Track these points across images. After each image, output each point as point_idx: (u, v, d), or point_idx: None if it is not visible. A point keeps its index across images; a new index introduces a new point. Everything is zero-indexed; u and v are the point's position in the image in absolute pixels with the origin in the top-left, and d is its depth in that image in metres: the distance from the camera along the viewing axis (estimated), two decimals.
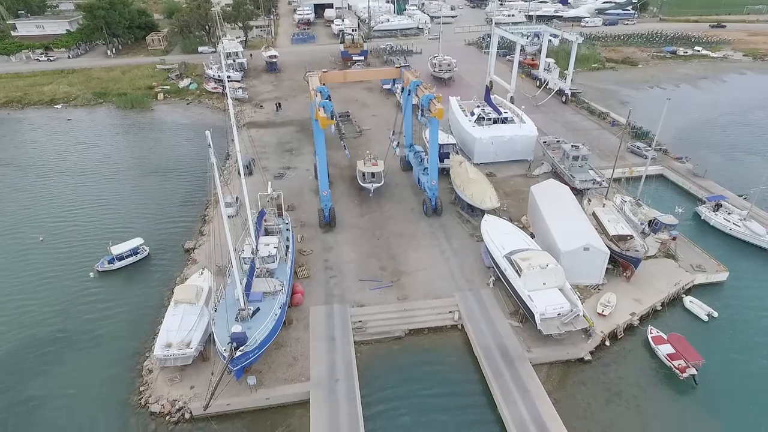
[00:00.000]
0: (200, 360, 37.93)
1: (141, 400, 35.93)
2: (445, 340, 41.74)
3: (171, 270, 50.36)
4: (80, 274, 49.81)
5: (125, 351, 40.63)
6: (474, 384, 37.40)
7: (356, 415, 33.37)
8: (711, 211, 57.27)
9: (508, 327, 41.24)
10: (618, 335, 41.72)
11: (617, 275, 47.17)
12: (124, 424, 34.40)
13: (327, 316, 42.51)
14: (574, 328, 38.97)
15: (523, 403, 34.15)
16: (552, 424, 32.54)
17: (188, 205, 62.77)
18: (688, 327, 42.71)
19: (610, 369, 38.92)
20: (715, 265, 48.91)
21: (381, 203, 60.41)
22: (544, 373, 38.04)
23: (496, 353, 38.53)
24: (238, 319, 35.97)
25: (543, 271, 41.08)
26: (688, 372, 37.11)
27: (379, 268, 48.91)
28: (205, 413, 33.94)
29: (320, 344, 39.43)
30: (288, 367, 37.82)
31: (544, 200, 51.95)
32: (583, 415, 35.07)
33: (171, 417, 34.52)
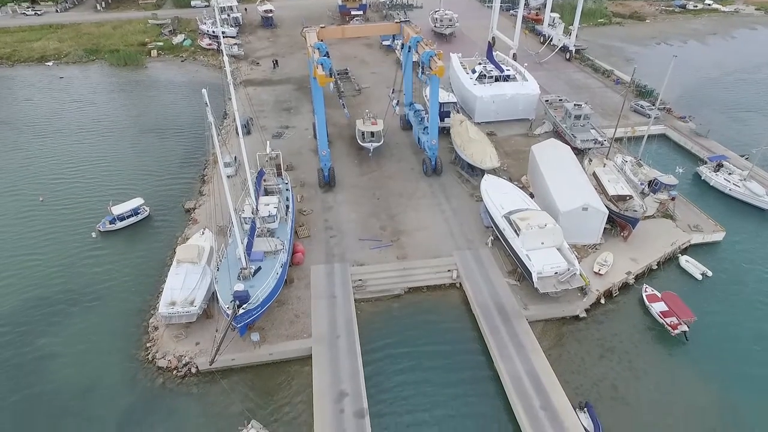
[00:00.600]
0: (204, 317, 38.82)
1: (148, 355, 37.02)
2: (444, 298, 42.60)
3: (172, 230, 50.67)
4: (82, 234, 50.15)
5: (130, 309, 41.49)
6: (471, 340, 38.47)
7: (357, 369, 34.48)
8: (711, 172, 57.12)
9: (505, 285, 41.99)
10: (613, 293, 42.56)
11: (615, 235, 47.59)
12: (132, 378, 35.59)
13: (327, 274, 43.18)
14: (570, 286, 39.70)
15: (518, 358, 35.25)
16: (546, 378, 33.72)
17: (187, 164, 62.41)
18: (683, 286, 43.51)
19: (603, 326, 39.94)
20: (713, 225, 49.27)
21: (381, 163, 60.09)
22: (540, 330, 39.07)
23: (493, 311, 39.43)
24: (240, 278, 36.56)
25: (541, 231, 41.42)
26: (680, 329, 38.11)
27: (379, 227, 49.25)
28: (210, 368, 35.08)
29: (321, 302, 40.26)
30: (290, 324, 38.77)
31: (544, 160, 51.68)
32: (576, 369, 36.26)
33: (178, 371, 35.67)
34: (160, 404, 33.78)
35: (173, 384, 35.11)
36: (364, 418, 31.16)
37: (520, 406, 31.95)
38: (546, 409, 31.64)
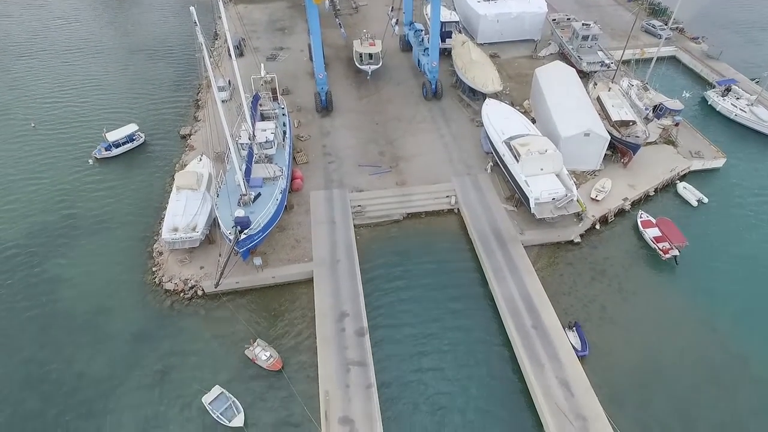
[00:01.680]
0: (207, 242, 39.64)
1: (155, 279, 38.25)
2: (442, 223, 43.30)
3: (169, 157, 50.28)
4: (78, 161, 49.80)
5: (134, 235, 42.23)
6: (468, 263, 39.63)
7: (357, 291, 35.84)
8: (719, 96, 55.70)
9: (503, 211, 42.51)
10: (609, 219, 43.22)
11: (615, 161, 47.40)
12: (141, 300, 37.05)
13: (327, 200, 43.52)
14: (567, 212, 40.21)
15: (512, 280, 36.55)
16: (538, 299, 35.19)
17: (179, 88, 60.57)
18: (678, 212, 44.10)
19: (597, 251, 40.99)
20: (714, 151, 48.93)
21: (379, 86, 58.33)
22: (535, 254, 40.14)
23: (490, 235, 40.24)
24: (241, 204, 36.87)
25: (541, 157, 41.19)
26: (671, 253, 39.15)
27: (378, 153, 48.86)
28: (216, 291, 36.44)
29: (321, 227, 40.95)
30: (291, 249, 39.71)
31: (548, 83, 50.15)
32: (568, 291, 37.73)
33: (185, 294, 37.06)
34: (170, 324, 35.46)
35: (181, 306, 36.62)
36: (365, 336, 32.88)
37: (512, 325, 33.63)
38: (537, 328, 33.34)
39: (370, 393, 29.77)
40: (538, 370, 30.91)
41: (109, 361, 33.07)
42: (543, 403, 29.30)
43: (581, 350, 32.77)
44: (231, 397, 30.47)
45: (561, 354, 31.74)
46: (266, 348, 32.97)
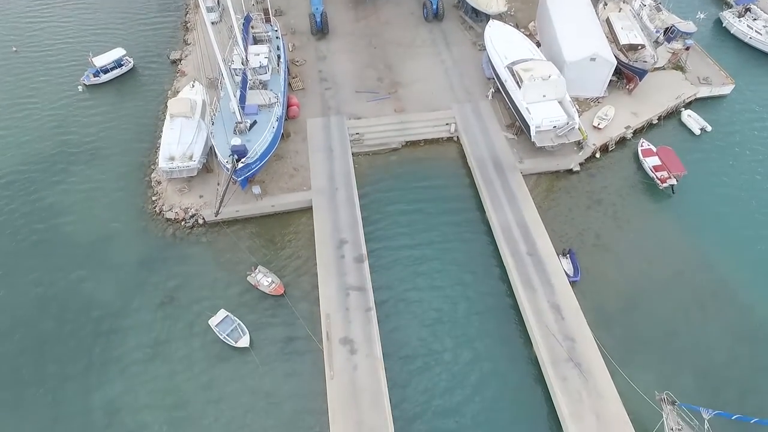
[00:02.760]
0: (205, 171, 39.46)
1: (155, 208, 38.49)
2: (441, 151, 42.92)
3: (160, 83, 48.70)
4: (67, 87, 48.27)
5: (131, 164, 41.91)
6: (466, 192, 39.80)
7: (356, 219, 36.27)
8: (735, 17, 53.01)
9: (503, 139, 41.99)
10: (609, 148, 42.81)
11: (620, 87, 46.10)
12: (143, 229, 37.53)
13: (324, 128, 42.78)
14: (567, 140, 39.72)
15: (509, 208, 36.90)
16: (534, 227, 35.73)
17: (166, 8, 57.36)
18: (680, 140, 43.59)
19: (595, 179, 41.01)
20: (723, 77, 47.45)
21: (377, 6, 55.28)
22: (533, 183, 40.19)
23: (489, 164, 40.04)
24: (237, 132, 36.25)
25: (544, 83, 39.97)
26: (668, 182, 39.21)
27: (376, 78, 47.34)
28: (216, 219, 36.83)
29: (319, 155, 40.60)
30: (290, 178, 39.63)
31: (555, 4, 47.49)
32: (564, 220, 38.23)
33: (186, 223, 37.49)
34: (174, 252, 36.19)
35: (183, 234, 37.18)
36: (364, 262, 33.74)
37: (507, 251, 34.43)
38: (531, 255, 34.17)
39: (369, 316, 31.09)
40: (531, 295, 32.08)
41: (116, 286, 34.15)
42: (534, 324, 30.71)
43: (573, 276, 33.81)
44: (236, 320, 31.82)
45: (554, 279, 32.79)
46: (267, 274, 33.95)
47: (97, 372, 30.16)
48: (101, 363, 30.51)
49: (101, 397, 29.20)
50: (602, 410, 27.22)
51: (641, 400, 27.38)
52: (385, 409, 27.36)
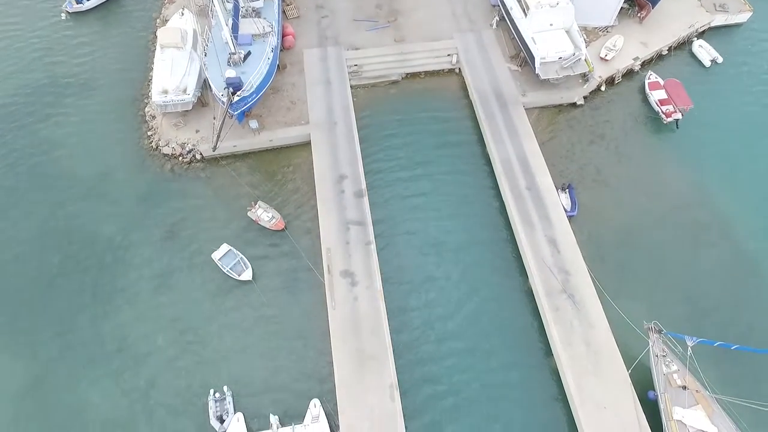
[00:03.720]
0: (200, 105, 38.52)
1: (151, 143, 37.99)
2: (442, 83, 41.70)
3: (148, 10, 46.35)
4: (50, 15, 45.97)
5: (123, 98, 40.81)
6: (467, 125, 39.13)
7: (355, 153, 35.93)
8: None
9: (506, 71, 40.65)
10: (616, 80, 41.54)
11: (631, 15, 43.96)
12: (141, 164, 37.26)
13: (321, 59, 41.27)
14: (573, 72, 38.48)
15: (510, 143, 36.48)
16: (534, 161, 35.51)
17: None
18: (689, 73, 42.22)
19: (599, 113, 40.17)
20: (741, 4, 45.07)
21: None
22: (535, 117, 39.41)
23: (491, 96, 39.06)
24: (231, 64, 35.01)
25: (551, 11, 38.06)
26: (674, 117, 38.44)
27: (375, 6, 45.01)
28: (214, 154, 36.47)
29: (317, 88, 39.48)
30: (287, 111, 38.79)
31: None
32: (565, 154, 37.89)
33: (183, 158, 37.14)
34: (173, 187, 36.16)
35: (181, 170, 36.96)
36: (363, 197, 33.86)
37: (506, 186, 34.45)
38: (530, 189, 34.23)
39: (369, 250, 31.68)
40: (529, 229, 32.50)
41: (117, 220, 34.47)
42: (530, 258, 31.37)
43: (570, 211, 34.07)
44: (239, 254, 32.43)
45: (552, 214, 33.07)
46: (268, 209, 34.16)
47: (105, 302, 31.21)
48: (108, 293, 31.49)
49: (110, 325, 30.41)
50: (592, 338, 28.48)
51: (630, 330, 28.56)
52: (385, 337, 28.61)
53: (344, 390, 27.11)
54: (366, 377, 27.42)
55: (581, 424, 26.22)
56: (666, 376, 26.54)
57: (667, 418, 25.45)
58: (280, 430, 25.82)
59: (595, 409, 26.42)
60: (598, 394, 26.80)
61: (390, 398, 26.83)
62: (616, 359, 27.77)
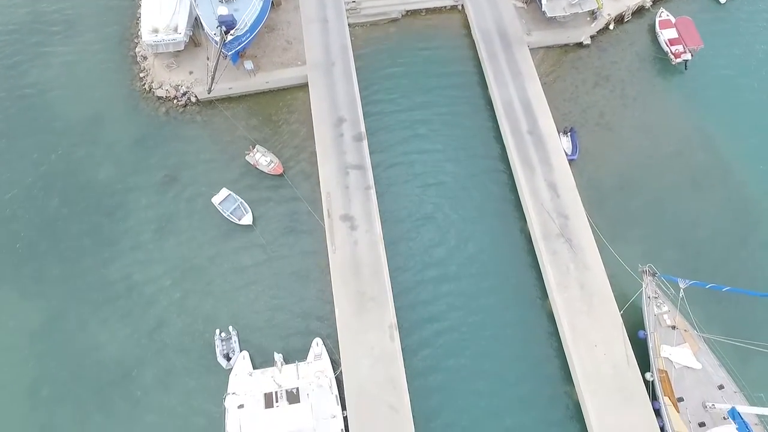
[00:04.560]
0: (192, 45, 37.16)
1: (144, 85, 36.95)
2: (444, 22, 39.99)
3: None
4: None
5: (112, 37, 39.26)
6: (469, 66, 37.93)
7: (354, 95, 35.07)
8: None
9: (511, 9, 38.87)
10: (625, 18, 39.84)
11: None
12: (135, 107, 36.43)
13: None
14: (581, 10, 36.86)
15: (513, 85, 35.53)
16: (537, 104, 34.75)
17: None
18: (702, 10, 40.39)
19: (606, 54, 38.83)
20: None
21: None
22: (540, 57, 38.14)
23: (494, 36, 37.60)
24: (223, 1, 33.39)
25: None
26: (683, 57, 37.16)
27: None
28: (209, 97, 35.57)
29: (313, 27, 37.91)
30: (283, 51, 37.47)
31: None
32: (568, 97, 37.02)
33: (178, 101, 36.27)
34: (169, 131, 35.58)
35: (176, 113, 36.20)
36: (363, 141, 33.42)
37: (508, 129, 33.94)
38: (532, 133, 33.73)
39: (368, 194, 31.68)
40: (529, 174, 32.35)
41: (114, 164, 34.21)
42: (529, 202, 31.45)
43: (571, 155, 33.75)
44: (239, 199, 32.45)
45: (553, 159, 32.80)
46: (266, 154, 33.81)
47: (108, 245, 31.59)
48: (110, 237, 31.82)
49: (115, 268, 30.96)
50: (587, 281, 29.12)
51: (625, 273, 29.14)
52: (385, 280, 29.22)
53: (345, 330, 28.04)
54: (366, 318, 28.27)
55: (573, 361, 27.34)
56: (657, 317, 27.38)
57: (655, 355, 26.51)
58: (284, 367, 26.89)
59: (587, 347, 27.46)
60: (591, 334, 27.76)
61: (390, 338, 27.80)
62: (610, 301, 28.54)
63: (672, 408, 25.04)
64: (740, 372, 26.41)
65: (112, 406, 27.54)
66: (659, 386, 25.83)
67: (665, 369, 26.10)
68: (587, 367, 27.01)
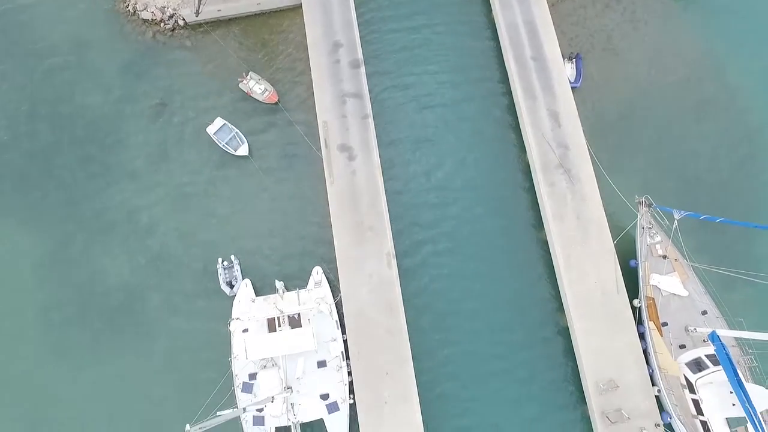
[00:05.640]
0: None
1: (128, 7, 34.84)
2: None
3: None
4: None
5: None
6: None
7: (350, 19, 33.18)
8: None
9: None
10: None
11: None
12: (120, 31, 34.62)
13: None
14: None
15: (519, 7, 33.57)
16: (543, 29, 33.07)
17: None
18: None
19: None
20: None
21: None
22: None
23: None
24: None
25: None
26: None
27: None
28: (198, 20, 33.76)
29: None
30: None
31: None
32: (576, 20, 35.18)
33: (165, 24, 34.42)
34: (157, 56, 34.12)
35: (164, 37, 34.51)
36: (360, 68, 32.21)
37: (511, 55, 32.61)
38: (536, 60, 32.45)
39: (366, 123, 31.07)
40: (531, 102, 31.54)
41: (103, 92, 33.22)
42: (530, 131, 30.94)
43: (574, 82, 32.75)
44: (234, 128, 31.81)
45: (556, 87, 31.83)
46: (260, 81, 32.69)
47: (104, 175, 31.50)
48: (106, 167, 31.67)
49: (114, 198, 31.14)
50: (583, 212, 29.39)
51: (621, 204, 29.35)
52: (383, 209, 29.46)
53: (344, 259, 28.70)
54: (364, 247, 28.85)
55: (564, 289, 28.33)
56: (649, 247, 27.97)
57: (644, 283, 27.41)
58: (285, 294, 27.84)
59: (579, 275, 28.32)
60: (584, 263, 28.50)
61: (387, 266, 28.55)
62: (604, 231, 29.00)
63: (655, 332, 26.30)
64: (724, 298, 27.50)
65: (120, 329, 28.90)
66: (645, 312, 26.96)
67: (653, 296, 27.09)
68: (578, 293, 28.04)
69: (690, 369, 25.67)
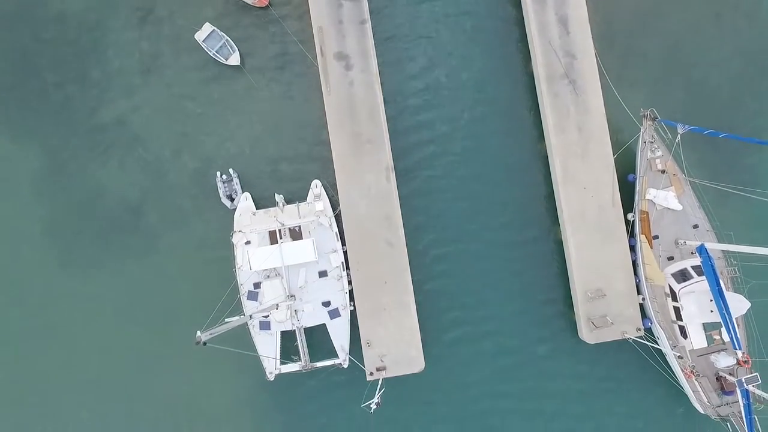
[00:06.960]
0: None
1: None
2: None
3: None
4: None
5: None
6: None
7: None
8: None
9: None
10: None
11: None
12: None
13: None
14: None
15: None
16: None
17: None
18: None
19: None
20: None
21: None
22: None
23: None
24: None
25: None
26: None
27: None
28: None
29: None
30: None
31: None
32: None
33: None
34: None
35: None
36: None
37: None
38: None
39: (364, 29, 29.28)
40: (539, 6, 29.45)
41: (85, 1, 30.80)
42: (536, 39, 29.27)
43: None
44: (224, 36, 29.93)
45: None
46: None
47: (95, 87, 30.30)
48: (96, 80, 30.36)
49: (107, 113, 30.28)
50: (586, 124, 28.82)
51: (626, 117, 28.73)
52: (382, 121, 28.85)
53: (343, 171, 28.67)
54: (363, 160, 28.68)
55: (560, 202, 28.69)
56: (649, 161, 27.83)
57: (640, 197, 27.69)
58: (285, 207, 28.17)
59: (576, 189, 28.51)
60: (582, 176, 28.56)
61: (386, 179, 28.61)
62: (605, 144, 28.68)
63: (646, 244, 27.12)
64: (717, 213, 28.00)
65: (124, 242, 29.72)
66: (638, 225, 27.57)
67: (647, 210, 27.52)
68: (573, 207, 28.46)
69: (675, 279, 26.85)
